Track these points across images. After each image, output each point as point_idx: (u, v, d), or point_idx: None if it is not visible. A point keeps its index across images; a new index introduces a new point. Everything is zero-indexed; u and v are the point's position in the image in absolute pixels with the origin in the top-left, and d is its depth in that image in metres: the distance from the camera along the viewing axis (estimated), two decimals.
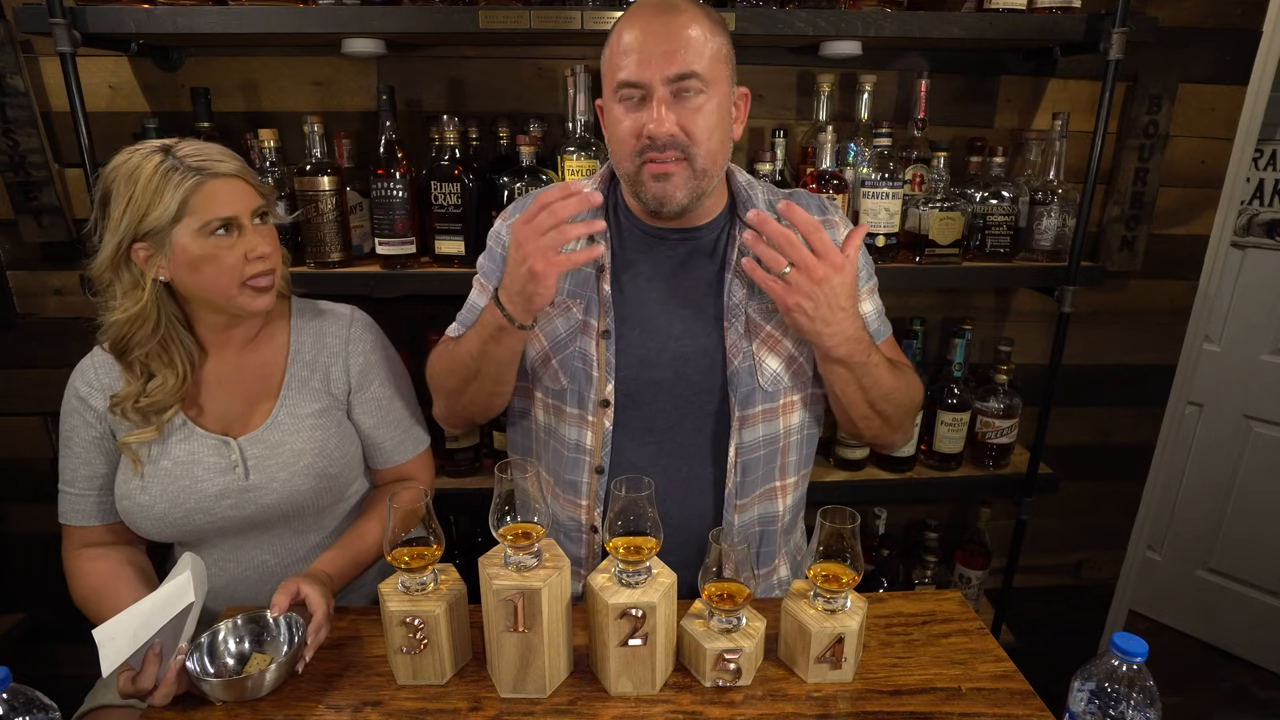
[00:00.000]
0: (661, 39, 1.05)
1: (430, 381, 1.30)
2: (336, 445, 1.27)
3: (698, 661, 0.99)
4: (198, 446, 1.21)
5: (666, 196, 1.11)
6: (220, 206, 1.11)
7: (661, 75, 1.05)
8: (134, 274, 1.13)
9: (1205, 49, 1.81)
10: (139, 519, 1.21)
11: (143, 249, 1.12)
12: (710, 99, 1.08)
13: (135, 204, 1.09)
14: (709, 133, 1.09)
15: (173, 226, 1.10)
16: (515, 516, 0.96)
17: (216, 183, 1.11)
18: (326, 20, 1.45)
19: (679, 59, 1.05)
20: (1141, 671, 0.80)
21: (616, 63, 1.08)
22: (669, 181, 1.10)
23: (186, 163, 1.10)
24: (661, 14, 1.07)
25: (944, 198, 1.64)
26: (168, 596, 1.01)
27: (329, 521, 1.32)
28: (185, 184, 1.09)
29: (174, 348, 1.18)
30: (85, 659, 0.99)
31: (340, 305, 1.35)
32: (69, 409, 1.22)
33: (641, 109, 1.08)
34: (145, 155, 1.10)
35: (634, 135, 1.08)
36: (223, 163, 1.13)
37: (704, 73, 1.06)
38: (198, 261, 1.12)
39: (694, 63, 1.05)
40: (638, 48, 1.06)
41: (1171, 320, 2.04)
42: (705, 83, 1.07)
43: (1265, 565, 2.47)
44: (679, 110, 1.07)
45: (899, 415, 1.24)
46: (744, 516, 1.21)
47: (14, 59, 1.64)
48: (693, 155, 1.09)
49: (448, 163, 1.54)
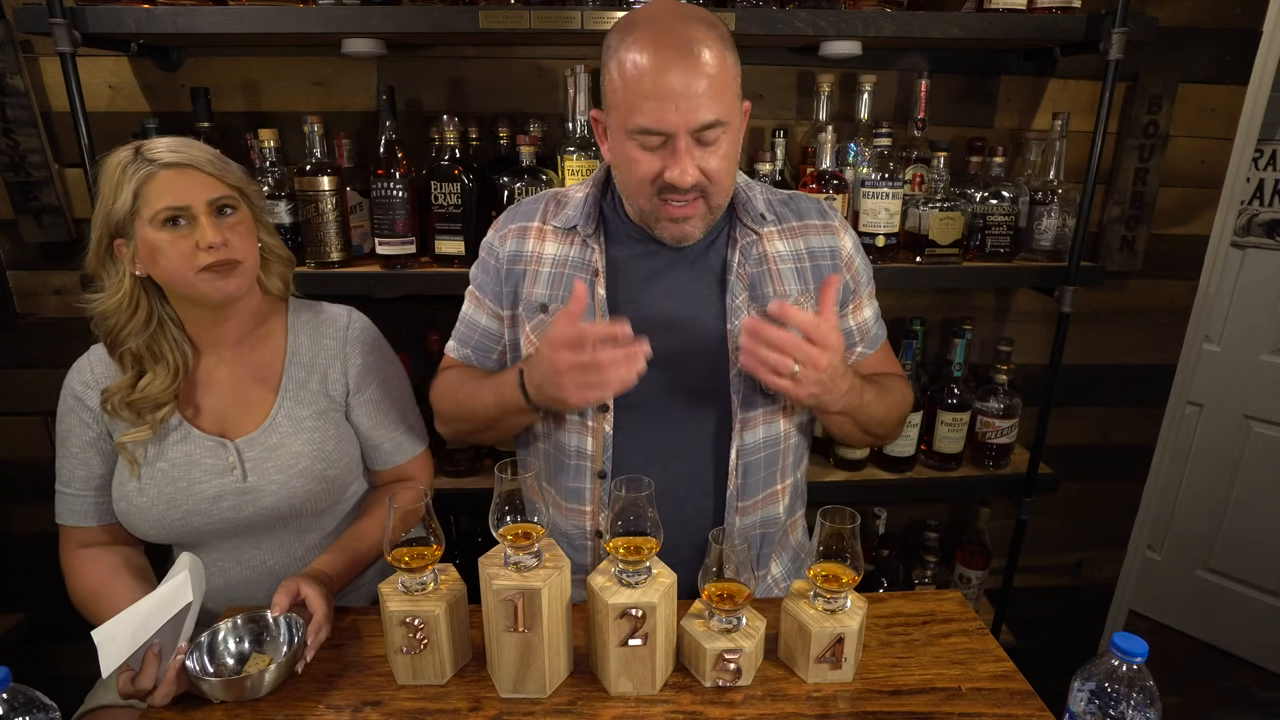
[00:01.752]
0: (686, 85, 1.00)
1: (437, 412, 1.30)
2: (335, 447, 1.27)
3: (698, 661, 0.99)
4: (195, 448, 1.21)
5: (685, 236, 1.13)
6: (168, 197, 1.10)
7: (686, 125, 1.01)
8: (118, 268, 1.15)
9: (1205, 49, 1.81)
10: (136, 521, 1.21)
11: (121, 244, 1.13)
12: (729, 134, 1.06)
13: (104, 199, 1.11)
14: (728, 169, 1.08)
15: (134, 219, 1.11)
16: (515, 516, 0.96)
17: (167, 173, 1.11)
18: (326, 20, 1.45)
19: (704, 108, 1.01)
20: (1141, 671, 0.80)
21: (634, 104, 1.02)
22: (687, 223, 1.11)
23: (144, 155, 1.11)
24: (684, 56, 1.00)
25: (944, 198, 1.64)
26: (166, 596, 1.01)
27: (328, 522, 1.32)
28: (137, 175, 1.09)
29: (165, 343, 1.18)
30: (85, 659, 0.99)
31: (337, 306, 1.35)
32: (65, 409, 1.22)
33: (660, 152, 1.05)
34: (119, 151, 1.12)
35: (651, 178, 1.07)
36: (180, 153, 1.12)
37: (726, 115, 1.04)
38: (153, 252, 1.12)
39: (718, 109, 1.02)
40: (658, 93, 1.00)
41: (1171, 320, 2.04)
42: (725, 125, 1.04)
43: (1265, 565, 2.47)
44: (699, 153, 1.05)
45: (888, 430, 1.31)
46: (746, 519, 1.21)
47: (14, 59, 1.64)
48: (710, 194, 1.09)
49: (448, 163, 1.54)
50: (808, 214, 1.24)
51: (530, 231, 1.23)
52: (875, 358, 1.32)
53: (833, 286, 1.04)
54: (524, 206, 1.27)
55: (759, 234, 1.20)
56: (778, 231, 1.22)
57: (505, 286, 1.23)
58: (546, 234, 1.22)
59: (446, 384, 1.27)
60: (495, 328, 1.27)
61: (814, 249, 1.22)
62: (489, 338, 1.27)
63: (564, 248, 1.21)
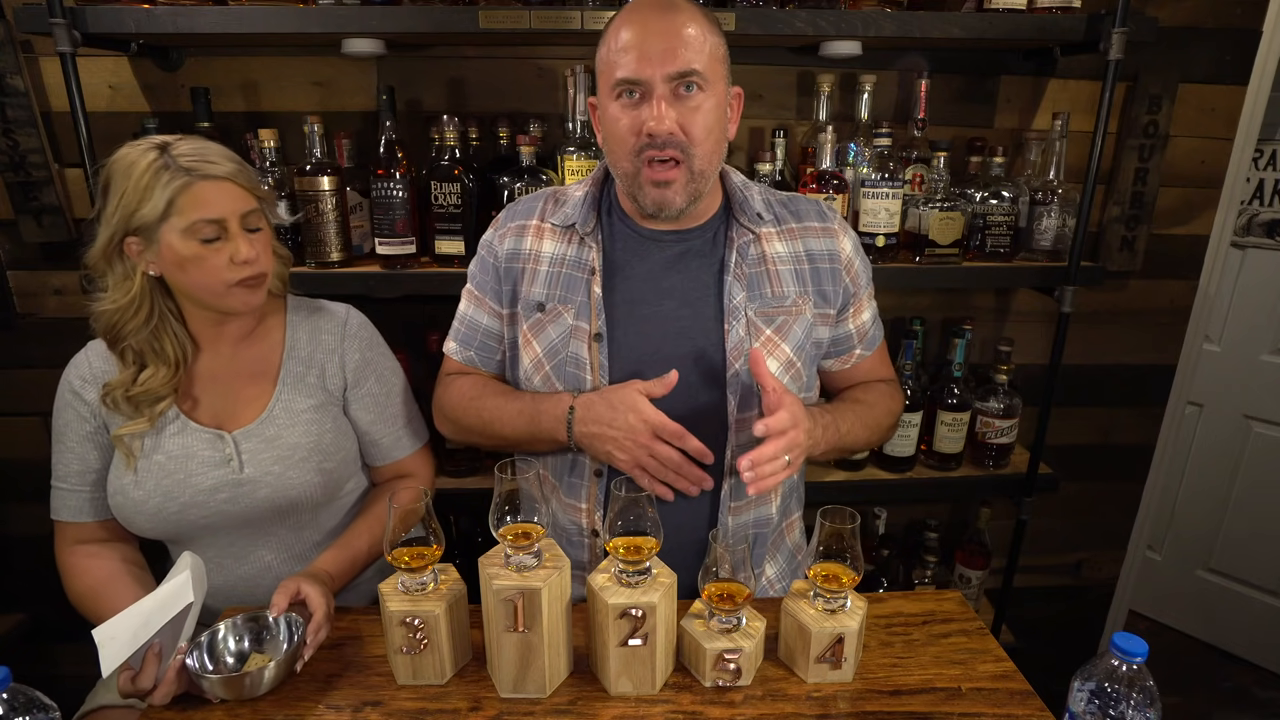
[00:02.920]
0: (662, 36, 1.04)
1: (450, 420, 1.30)
2: (332, 440, 1.27)
3: (698, 661, 0.99)
4: (192, 440, 1.21)
5: (666, 202, 1.12)
6: (206, 208, 1.11)
7: (662, 73, 1.05)
8: (126, 266, 1.14)
9: (1205, 49, 1.81)
10: (132, 514, 1.21)
11: (134, 243, 1.12)
12: (709, 98, 1.08)
13: (127, 199, 1.10)
14: (707, 132, 1.09)
15: (160, 224, 1.10)
16: (515, 516, 0.96)
17: (205, 184, 1.11)
18: (326, 20, 1.45)
19: (680, 57, 1.04)
20: (1141, 671, 0.80)
21: (614, 60, 1.07)
22: (669, 188, 1.11)
23: (179, 162, 1.10)
24: (662, 12, 1.06)
25: (944, 198, 1.64)
26: (167, 596, 1.01)
27: (327, 520, 1.32)
28: (174, 184, 1.09)
29: (166, 339, 1.18)
30: (85, 659, 0.99)
31: (335, 303, 1.35)
32: (62, 403, 1.22)
33: (640, 107, 1.07)
34: (142, 151, 1.11)
35: (633, 133, 1.08)
36: (215, 165, 1.12)
37: (704, 71, 1.06)
38: (183, 262, 1.12)
39: (694, 60, 1.05)
40: (637, 45, 1.05)
41: (1171, 320, 2.04)
42: (705, 81, 1.07)
43: (1265, 565, 2.47)
44: (678, 109, 1.07)
45: (876, 443, 1.37)
46: (738, 519, 1.21)
47: (14, 59, 1.64)
48: (691, 156, 1.09)
49: (448, 163, 1.54)
50: (807, 216, 1.24)
51: (529, 230, 1.23)
52: (871, 360, 1.34)
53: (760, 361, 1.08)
54: (523, 205, 1.28)
55: (756, 234, 1.20)
56: (777, 233, 1.22)
57: (504, 285, 1.23)
58: (545, 232, 1.22)
59: (463, 394, 1.27)
60: (496, 327, 1.27)
61: (813, 251, 1.22)
62: (491, 338, 1.28)
63: (562, 246, 1.21)
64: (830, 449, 1.20)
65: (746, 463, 1.02)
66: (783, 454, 1.04)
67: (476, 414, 1.25)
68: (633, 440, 1.10)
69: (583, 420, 1.13)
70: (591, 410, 1.12)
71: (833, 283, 1.23)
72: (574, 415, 1.14)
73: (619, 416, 1.10)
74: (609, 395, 1.12)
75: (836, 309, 1.24)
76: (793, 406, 1.06)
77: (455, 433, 1.32)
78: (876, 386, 1.33)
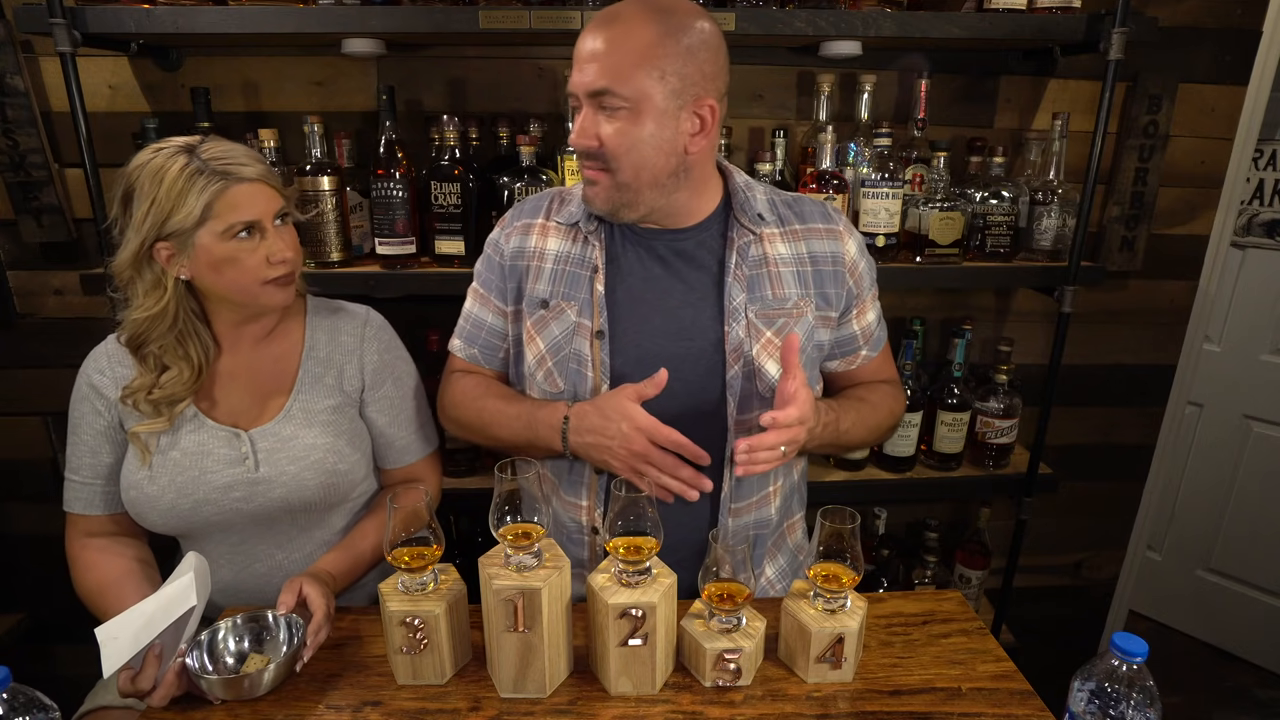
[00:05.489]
0: (590, 51, 1.05)
1: (451, 418, 1.31)
2: (348, 441, 1.28)
3: (698, 661, 0.99)
4: (208, 438, 1.21)
5: (589, 198, 1.15)
6: (243, 211, 1.12)
7: (582, 87, 1.07)
8: (156, 272, 1.14)
9: (1205, 49, 1.81)
10: (145, 510, 1.21)
11: (165, 248, 1.12)
12: (632, 116, 1.06)
13: (159, 205, 1.09)
14: (626, 149, 1.08)
15: (196, 229, 1.10)
16: (515, 516, 0.96)
17: (241, 187, 1.11)
18: (326, 20, 1.45)
19: (592, 75, 1.05)
20: (1141, 671, 0.80)
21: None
22: (593, 188, 1.13)
23: (211, 166, 1.10)
24: (601, 25, 1.06)
25: (944, 198, 1.64)
26: (170, 598, 1.01)
27: (336, 520, 1.32)
28: (210, 188, 1.09)
29: (190, 342, 1.19)
30: (85, 659, 0.99)
31: (356, 305, 1.36)
32: (79, 396, 1.22)
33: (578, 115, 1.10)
34: (170, 156, 1.10)
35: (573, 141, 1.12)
36: (246, 166, 1.13)
37: (619, 90, 1.04)
38: (220, 263, 1.13)
39: (605, 79, 1.04)
40: (575, 56, 1.08)
41: (1171, 320, 2.04)
42: (624, 99, 1.05)
43: (1265, 565, 2.47)
44: (602, 124, 1.08)
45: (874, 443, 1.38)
46: (739, 521, 1.22)
47: (14, 59, 1.64)
48: (613, 169, 1.10)
49: (448, 163, 1.54)
50: (811, 217, 1.24)
51: (534, 228, 1.24)
52: (876, 361, 1.34)
53: (794, 349, 1.07)
54: (529, 203, 1.29)
55: (757, 234, 1.20)
56: (779, 233, 1.22)
57: (509, 282, 1.24)
58: (549, 230, 1.23)
59: (465, 392, 1.28)
60: (500, 325, 1.27)
61: (816, 253, 1.22)
62: (495, 335, 1.28)
63: (566, 244, 1.22)
64: (824, 445, 1.21)
65: (744, 446, 1.04)
66: (780, 446, 1.05)
67: (477, 414, 1.26)
68: (627, 448, 1.10)
69: (577, 430, 1.13)
70: (585, 420, 1.13)
71: (835, 285, 1.23)
72: (568, 425, 1.14)
73: (612, 425, 1.10)
74: (601, 404, 1.12)
75: (838, 312, 1.24)
76: (804, 405, 1.06)
77: (457, 430, 1.33)
78: (880, 387, 1.33)
